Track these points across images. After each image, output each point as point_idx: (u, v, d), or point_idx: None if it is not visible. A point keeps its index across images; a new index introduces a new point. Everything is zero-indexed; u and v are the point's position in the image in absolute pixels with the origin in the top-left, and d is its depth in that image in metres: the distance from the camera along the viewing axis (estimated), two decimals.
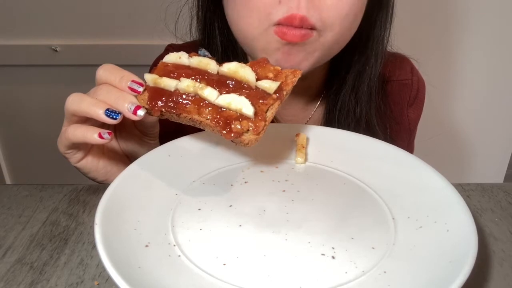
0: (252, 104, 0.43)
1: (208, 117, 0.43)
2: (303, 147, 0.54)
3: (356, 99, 0.67)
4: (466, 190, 0.55)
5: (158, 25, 0.73)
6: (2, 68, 1.37)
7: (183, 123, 0.46)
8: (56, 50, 1.32)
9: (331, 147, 0.55)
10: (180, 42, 0.76)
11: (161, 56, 0.75)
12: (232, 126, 0.42)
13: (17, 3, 1.27)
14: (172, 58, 0.47)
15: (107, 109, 0.45)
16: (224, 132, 0.42)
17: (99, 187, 0.55)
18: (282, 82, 0.46)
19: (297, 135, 0.55)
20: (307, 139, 0.55)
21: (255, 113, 0.43)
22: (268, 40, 0.55)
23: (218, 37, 0.67)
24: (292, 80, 0.46)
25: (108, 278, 0.41)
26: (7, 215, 0.50)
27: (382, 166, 0.51)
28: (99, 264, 0.42)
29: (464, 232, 0.39)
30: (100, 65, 0.47)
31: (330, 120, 0.71)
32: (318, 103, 0.74)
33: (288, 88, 0.46)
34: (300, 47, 0.55)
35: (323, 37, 0.55)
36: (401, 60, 0.77)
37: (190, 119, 0.44)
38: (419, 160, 0.50)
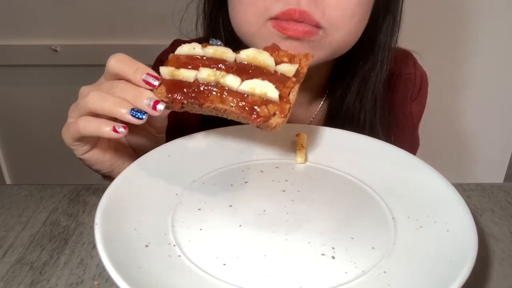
0: (276, 87, 0.42)
1: (233, 104, 0.42)
2: (303, 147, 0.54)
3: (361, 106, 0.67)
4: (466, 190, 0.55)
5: (161, 24, 0.73)
6: (2, 68, 1.37)
7: (204, 113, 0.45)
8: (56, 50, 1.32)
9: (331, 147, 0.55)
10: (185, 39, 0.76)
11: (167, 51, 0.75)
12: (259, 110, 0.42)
13: (17, 3, 1.27)
14: (185, 49, 0.46)
15: (132, 109, 0.43)
16: (252, 117, 0.42)
17: (99, 187, 0.55)
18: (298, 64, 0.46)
19: (297, 135, 0.55)
20: (307, 139, 0.55)
21: (280, 96, 0.43)
22: (267, 35, 0.54)
23: (222, 33, 0.67)
24: (306, 63, 0.46)
25: (108, 278, 0.41)
26: (7, 215, 0.50)
27: (382, 166, 0.51)
28: (99, 264, 0.42)
29: (464, 232, 0.39)
30: (101, 65, 0.46)
31: (334, 126, 0.70)
32: (321, 104, 0.74)
33: (304, 70, 0.46)
34: (304, 43, 0.54)
35: (331, 36, 0.54)
36: (404, 55, 0.76)
37: (213, 108, 0.43)
38: (419, 160, 0.50)
